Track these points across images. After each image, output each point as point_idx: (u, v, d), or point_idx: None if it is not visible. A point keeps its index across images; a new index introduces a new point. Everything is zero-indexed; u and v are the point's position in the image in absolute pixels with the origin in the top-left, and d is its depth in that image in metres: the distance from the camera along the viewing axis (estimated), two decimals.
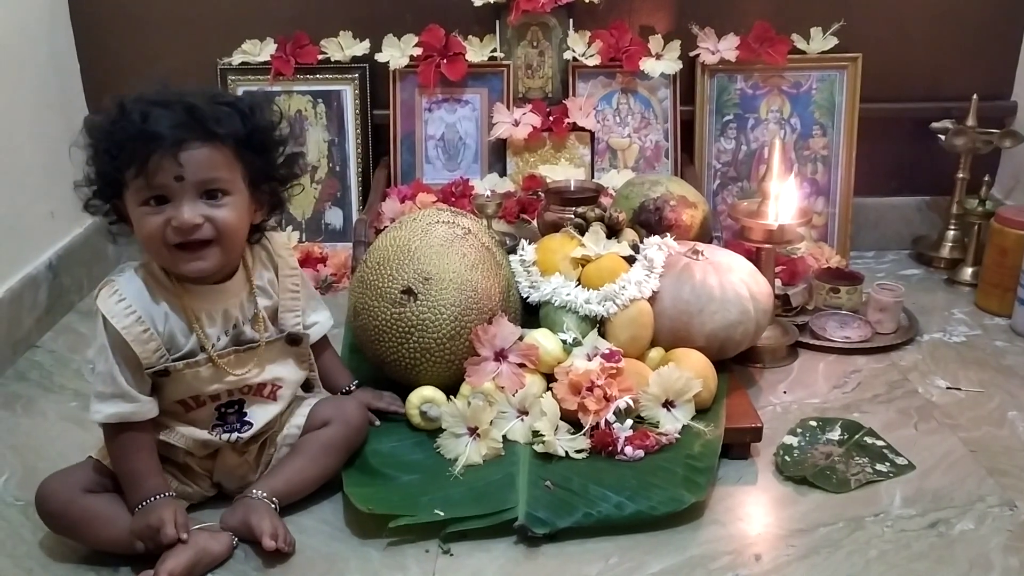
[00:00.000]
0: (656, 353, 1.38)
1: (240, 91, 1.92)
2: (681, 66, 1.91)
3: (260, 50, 1.92)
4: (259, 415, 1.19)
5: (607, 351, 1.30)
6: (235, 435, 1.17)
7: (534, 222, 1.79)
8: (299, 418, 1.23)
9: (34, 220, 1.72)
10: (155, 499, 1.08)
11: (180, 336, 1.11)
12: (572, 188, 1.72)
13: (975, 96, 1.87)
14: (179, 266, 1.08)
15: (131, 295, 1.08)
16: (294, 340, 1.21)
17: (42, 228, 1.74)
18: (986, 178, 1.91)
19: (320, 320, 1.29)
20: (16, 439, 1.37)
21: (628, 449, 1.23)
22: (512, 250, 1.51)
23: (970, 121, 1.88)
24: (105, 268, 1.93)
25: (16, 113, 1.68)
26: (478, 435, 1.24)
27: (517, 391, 1.28)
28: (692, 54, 1.92)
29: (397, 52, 1.91)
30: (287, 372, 1.21)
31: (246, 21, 1.92)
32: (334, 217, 1.99)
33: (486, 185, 1.90)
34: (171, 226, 1.05)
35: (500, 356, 1.31)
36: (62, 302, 1.76)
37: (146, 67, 1.91)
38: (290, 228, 1.96)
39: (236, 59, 1.92)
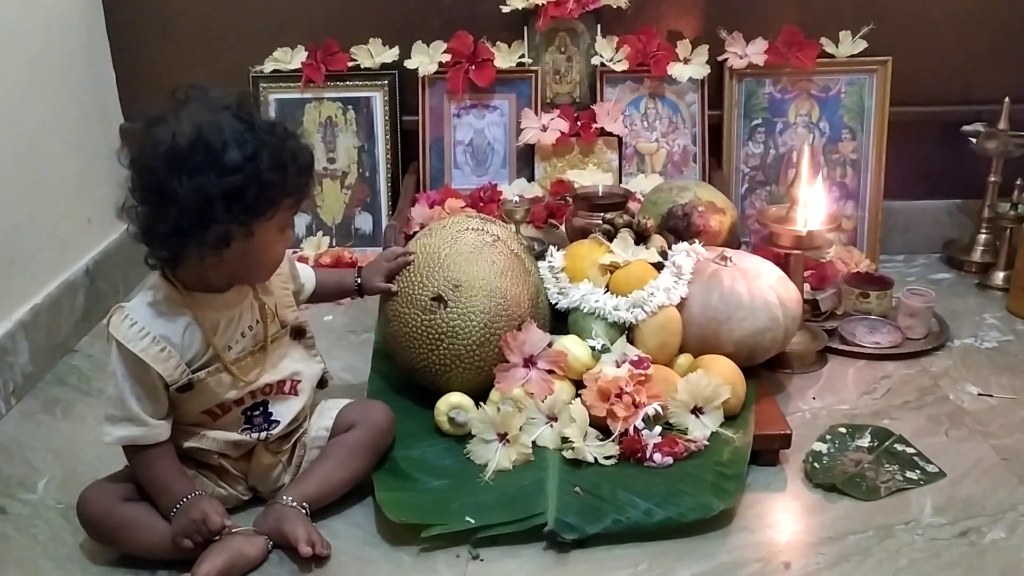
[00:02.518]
0: (684, 360, 1.38)
1: (272, 99, 1.95)
2: (709, 71, 1.91)
3: (291, 58, 1.95)
4: (284, 411, 1.21)
5: (636, 358, 1.31)
6: (264, 433, 1.19)
7: (562, 227, 1.80)
8: (326, 420, 1.25)
9: (72, 227, 1.75)
10: (188, 498, 1.11)
11: (198, 346, 1.13)
12: (600, 193, 1.73)
13: (1007, 99, 1.85)
14: (265, 279, 1.19)
15: (142, 317, 1.11)
16: (298, 332, 1.24)
17: (80, 234, 1.78)
18: (1018, 181, 1.90)
19: (306, 274, 1.35)
20: (56, 443, 1.40)
21: (657, 456, 1.24)
22: (541, 256, 1.52)
23: (1002, 124, 1.86)
24: (140, 273, 1.97)
25: (54, 122, 1.71)
26: (508, 441, 1.26)
27: (546, 397, 1.29)
28: (720, 59, 1.92)
29: (426, 59, 1.92)
30: (302, 366, 1.24)
31: (277, 29, 1.95)
32: (364, 222, 2.01)
33: (514, 190, 1.91)
34: (286, 249, 1.18)
35: (529, 362, 1.32)
36: (99, 307, 1.79)
37: (180, 75, 1.93)
38: (320, 233, 1.99)
39: (268, 67, 1.95)
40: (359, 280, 1.38)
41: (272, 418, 1.21)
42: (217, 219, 1.04)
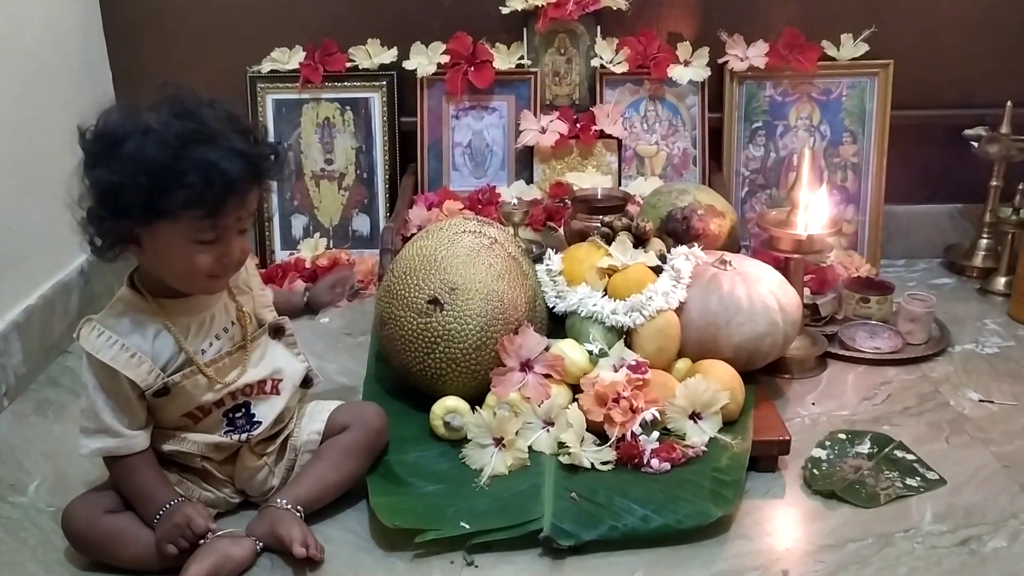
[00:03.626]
0: (683, 364, 1.37)
1: (269, 99, 1.94)
2: (709, 73, 1.90)
3: (289, 58, 1.94)
4: (266, 411, 1.20)
5: (633, 362, 1.30)
6: (246, 435, 1.18)
7: (560, 230, 1.79)
8: (318, 423, 1.24)
9: (66, 227, 1.73)
10: (170, 504, 1.10)
11: (170, 352, 1.12)
12: (599, 196, 1.71)
13: (1009, 103, 1.84)
14: (205, 290, 1.13)
15: (111, 327, 1.10)
16: (277, 331, 1.23)
17: (74, 235, 1.76)
18: (1020, 186, 1.89)
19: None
20: (47, 445, 1.39)
21: (654, 461, 1.22)
22: (538, 259, 1.51)
23: (1004, 128, 1.85)
24: None
25: (49, 122, 1.70)
26: (503, 446, 1.24)
27: (543, 402, 1.28)
28: (721, 61, 1.91)
29: (425, 59, 1.91)
30: (283, 364, 1.22)
31: (275, 29, 1.94)
32: (361, 224, 2.00)
33: (513, 192, 1.90)
34: (221, 262, 1.09)
35: (526, 366, 1.31)
36: (93, 308, 1.78)
37: (177, 75, 1.92)
38: (317, 234, 1.98)
39: (265, 67, 1.94)
40: (307, 298, 1.39)
41: (255, 419, 1.19)
42: (101, 214, 1.05)
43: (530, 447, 1.26)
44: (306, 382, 1.27)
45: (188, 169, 1.02)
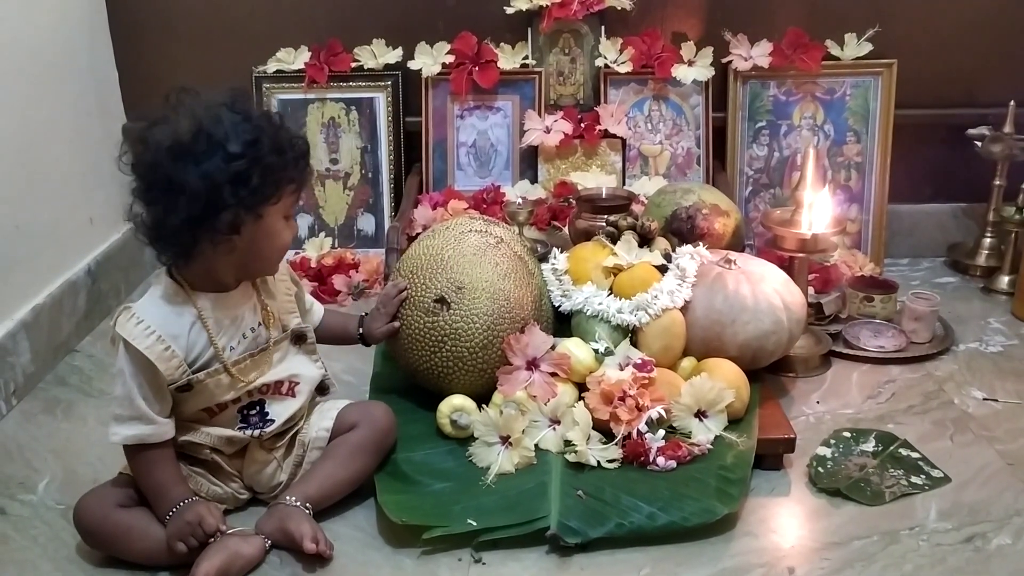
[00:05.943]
0: (688, 363, 1.38)
1: (275, 99, 1.95)
2: (713, 72, 1.91)
3: (294, 58, 1.94)
4: (280, 411, 1.21)
5: (639, 361, 1.30)
6: (259, 431, 1.19)
7: (566, 229, 1.79)
8: (327, 421, 1.25)
9: (74, 226, 1.75)
10: (184, 503, 1.11)
11: (202, 345, 1.14)
12: (604, 196, 1.72)
13: (1012, 102, 1.85)
14: (274, 269, 1.20)
15: (149, 316, 1.12)
16: (299, 337, 1.24)
17: (81, 234, 1.78)
18: (1023, 185, 1.89)
19: (314, 303, 1.35)
20: (56, 443, 1.40)
21: (660, 459, 1.23)
22: (544, 258, 1.51)
23: (1007, 128, 1.85)
24: (142, 273, 1.96)
25: (56, 121, 1.71)
26: (510, 444, 1.25)
27: (549, 400, 1.28)
28: (724, 60, 1.91)
29: (429, 59, 1.92)
30: (302, 368, 1.24)
31: (281, 29, 1.94)
32: (366, 223, 2.00)
33: (517, 192, 1.91)
34: (294, 238, 1.19)
35: (532, 365, 1.31)
36: (100, 307, 1.79)
37: (183, 75, 1.94)
38: (322, 234, 1.98)
39: (271, 67, 1.94)
40: (361, 330, 1.36)
41: (268, 417, 1.21)
42: (226, 204, 1.06)
43: (536, 445, 1.26)
44: (322, 389, 1.28)
45: (287, 146, 1.11)
